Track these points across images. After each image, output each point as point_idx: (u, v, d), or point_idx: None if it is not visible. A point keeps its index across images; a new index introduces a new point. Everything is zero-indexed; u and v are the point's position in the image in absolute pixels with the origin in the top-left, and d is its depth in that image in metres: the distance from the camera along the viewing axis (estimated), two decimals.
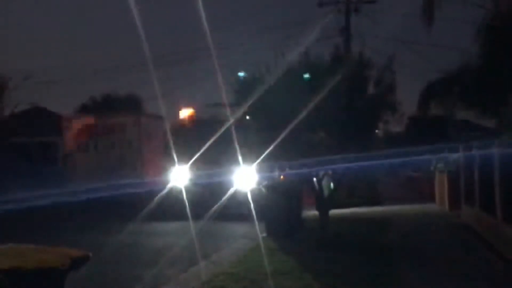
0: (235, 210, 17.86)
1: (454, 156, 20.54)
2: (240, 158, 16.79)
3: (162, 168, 21.18)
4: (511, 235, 11.84)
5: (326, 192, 15.11)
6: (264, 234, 15.52)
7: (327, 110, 13.24)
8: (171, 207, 18.47)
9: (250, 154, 15.45)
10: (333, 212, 16.25)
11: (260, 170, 15.99)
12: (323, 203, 14.84)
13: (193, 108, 24.80)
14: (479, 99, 18.32)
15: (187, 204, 16.53)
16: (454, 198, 21.83)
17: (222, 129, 16.69)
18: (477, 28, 17.49)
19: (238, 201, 17.87)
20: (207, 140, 17.89)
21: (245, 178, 18.42)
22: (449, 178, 23.28)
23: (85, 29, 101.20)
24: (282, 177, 16.88)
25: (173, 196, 18.91)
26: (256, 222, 15.02)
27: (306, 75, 14.22)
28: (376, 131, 16.34)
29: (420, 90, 21.20)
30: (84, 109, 42.96)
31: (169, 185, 19.54)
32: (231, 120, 15.96)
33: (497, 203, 13.22)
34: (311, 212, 17.14)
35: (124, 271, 11.05)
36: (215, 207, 16.50)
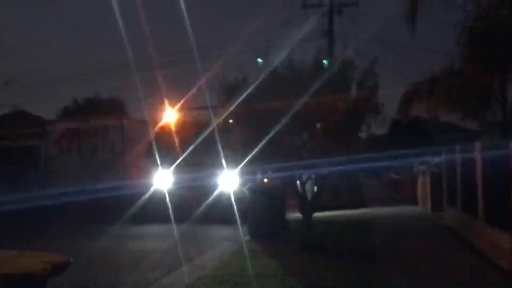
0: (219, 213, 17.80)
1: (437, 158, 20.67)
2: (223, 161, 16.77)
3: (146, 171, 21.11)
4: (493, 237, 11.91)
5: (309, 195, 15.10)
6: (248, 237, 15.52)
7: (311, 112, 13.24)
8: (154, 210, 18.41)
9: (234, 157, 15.45)
10: (317, 214, 16.26)
11: (243, 173, 16.00)
12: (307, 205, 14.83)
13: (177, 111, 24.71)
14: (461, 101, 18.42)
15: (170, 207, 16.50)
16: (436, 200, 21.92)
17: (206, 132, 16.66)
18: (459, 30, 17.61)
19: (221, 204, 17.84)
20: (191, 143, 17.86)
21: (228, 181, 18.42)
22: (431, 180, 23.40)
23: (68, 32, 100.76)
24: (265, 180, 16.88)
25: (157, 199, 18.87)
26: (240, 225, 15.02)
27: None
28: (359, 134, 16.37)
29: (403, 92, 21.29)
30: (67, 113, 42.87)
31: (153, 188, 19.49)
32: (215, 124, 15.94)
33: (479, 205, 13.29)
34: (295, 215, 17.13)
35: (107, 275, 10.99)
36: (199, 210, 16.48)
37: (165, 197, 18.07)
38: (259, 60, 14.29)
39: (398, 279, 10.40)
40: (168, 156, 19.52)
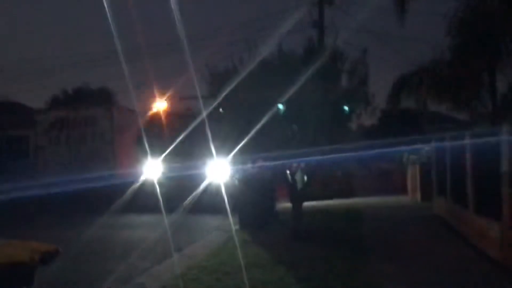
0: (209, 203, 17.79)
1: (426, 148, 20.72)
2: (213, 151, 16.73)
3: (135, 161, 21.06)
4: (482, 226, 11.95)
5: (299, 185, 15.11)
6: (238, 227, 15.53)
7: (301, 102, 13.22)
8: (144, 200, 18.38)
9: (224, 147, 15.40)
10: (307, 204, 16.28)
11: (233, 163, 15.96)
12: (297, 195, 14.85)
13: (167, 101, 24.65)
14: (451, 92, 18.44)
15: (160, 197, 16.46)
16: (426, 190, 22.01)
17: (196, 122, 16.60)
18: (449, 21, 17.60)
19: (211, 194, 17.82)
20: (181, 133, 17.80)
21: (218, 171, 18.40)
22: (421, 170, 23.48)
23: (57, 22, 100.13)
24: (255, 170, 16.87)
25: (146, 189, 18.82)
26: (230, 215, 15.01)
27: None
28: (350, 124, 16.37)
29: (392, 82, 21.28)
30: (56, 102, 42.65)
31: (142, 178, 19.45)
32: (204, 113, 15.88)
33: (468, 195, 13.33)
34: (285, 205, 17.16)
35: (97, 265, 10.98)
36: (189, 200, 16.45)
37: (155, 187, 18.03)
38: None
39: (387, 268, 10.43)
40: (158, 146, 19.46)
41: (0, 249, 4.90)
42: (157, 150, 19.40)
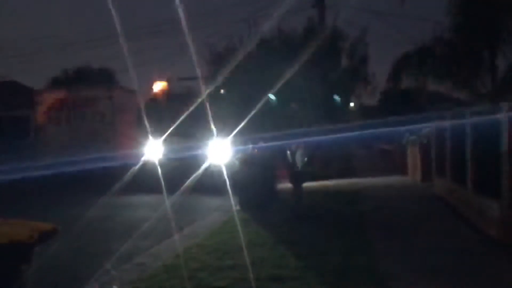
0: (209, 183, 17.81)
1: (426, 128, 20.70)
2: (214, 131, 16.72)
3: (136, 142, 21.04)
4: (482, 206, 11.98)
5: (299, 165, 15.13)
6: (238, 207, 15.56)
7: (301, 82, 13.19)
8: (145, 181, 18.38)
9: (224, 127, 15.39)
10: (307, 184, 16.30)
11: (234, 143, 15.96)
12: (297, 175, 14.87)
13: (167, 81, 24.58)
14: (451, 71, 18.40)
15: (161, 177, 16.47)
16: (426, 170, 22.01)
17: (196, 103, 16.58)
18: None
19: (212, 175, 17.82)
20: (181, 114, 17.77)
21: (219, 151, 18.40)
22: (421, 150, 23.47)
23: (58, 1, 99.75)
24: (256, 150, 16.87)
25: (147, 170, 18.81)
26: (230, 195, 15.04)
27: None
28: (351, 104, 16.34)
29: (392, 62, 21.18)
30: (56, 82, 42.57)
31: (143, 159, 19.44)
32: (205, 94, 15.86)
33: (468, 175, 13.35)
34: (285, 185, 17.18)
35: (97, 244, 11.04)
36: (189, 180, 16.46)
37: (156, 168, 18.01)
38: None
39: (388, 247, 10.47)
40: (159, 127, 19.43)
41: None
42: (158, 130, 19.38)
